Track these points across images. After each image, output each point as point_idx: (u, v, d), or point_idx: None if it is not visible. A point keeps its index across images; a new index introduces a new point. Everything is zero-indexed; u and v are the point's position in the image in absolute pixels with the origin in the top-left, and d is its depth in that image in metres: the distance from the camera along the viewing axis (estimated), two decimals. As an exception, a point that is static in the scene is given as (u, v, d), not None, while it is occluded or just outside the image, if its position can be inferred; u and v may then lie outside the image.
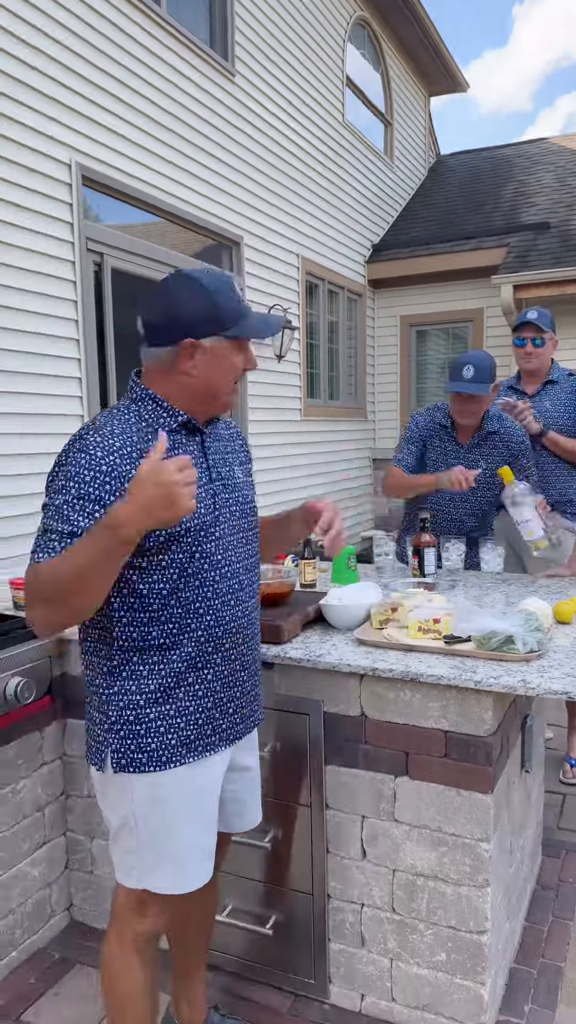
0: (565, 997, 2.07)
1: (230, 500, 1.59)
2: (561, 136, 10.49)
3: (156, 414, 1.51)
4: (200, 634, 1.52)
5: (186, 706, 1.53)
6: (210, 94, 5.49)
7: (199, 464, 1.54)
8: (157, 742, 1.51)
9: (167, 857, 1.55)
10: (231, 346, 1.51)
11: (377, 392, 8.84)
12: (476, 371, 2.71)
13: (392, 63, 8.98)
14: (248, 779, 1.75)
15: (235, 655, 1.59)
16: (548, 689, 1.64)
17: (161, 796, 1.53)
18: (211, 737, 1.57)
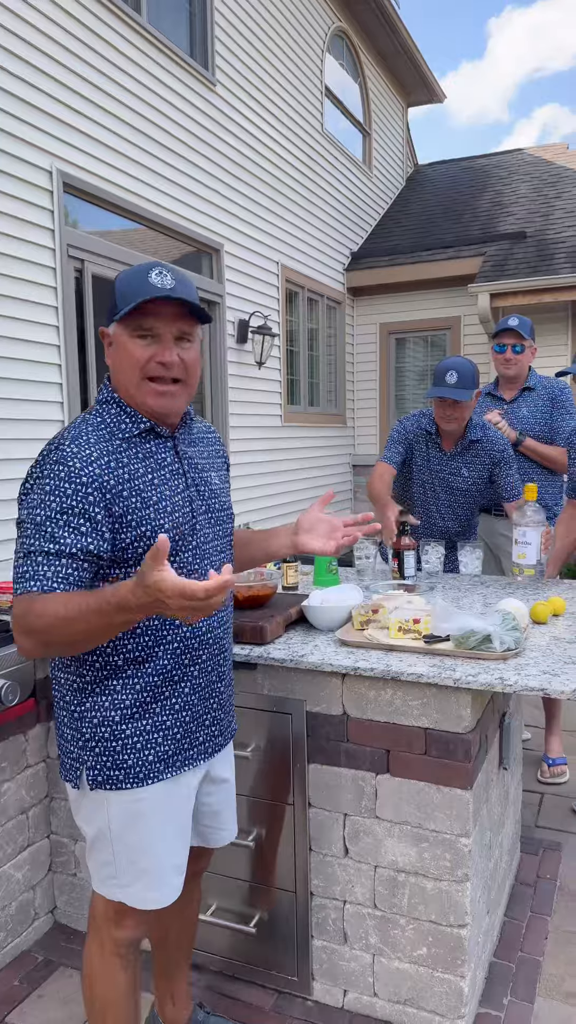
0: (543, 989, 2.11)
1: (205, 507, 1.55)
2: (536, 147, 10.67)
3: (119, 419, 1.46)
4: (176, 646, 1.48)
5: (163, 721, 1.49)
6: (190, 103, 5.53)
7: (175, 471, 1.50)
8: (134, 759, 1.47)
9: (143, 872, 1.52)
10: (124, 330, 1.41)
11: (357, 399, 8.92)
12: (459, 377, 2.75)
13: (370, 74, 9.08)
14: (225, 791, 1.72)
15: (212, 666, 1.56)
16: (525, 686, 1.69)
17: (138, 812, 1.49)
18: (190, 751, 1.54)
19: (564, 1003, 2.06)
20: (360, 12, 8.26)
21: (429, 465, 2.97)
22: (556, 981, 2.14)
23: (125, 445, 1.43)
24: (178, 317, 1.42)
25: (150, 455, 1.46)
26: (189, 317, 1.43)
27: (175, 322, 1.42)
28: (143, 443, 1.46)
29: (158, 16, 5.26)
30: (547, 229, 8.09)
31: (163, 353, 1.41)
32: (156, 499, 1.44)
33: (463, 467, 2.93)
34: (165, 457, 1.49)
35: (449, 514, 3.03)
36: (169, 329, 1.41)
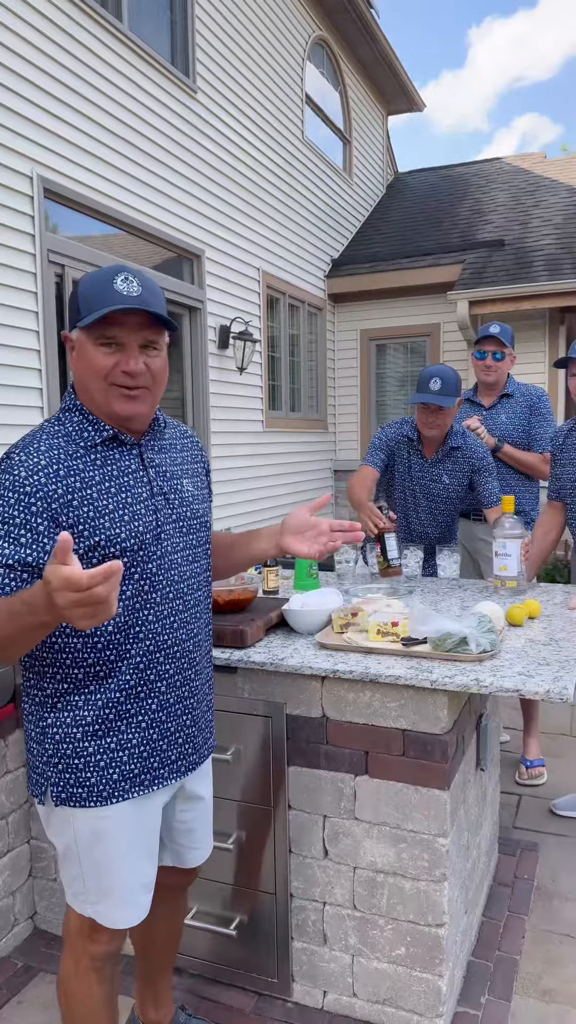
0: (520, 988, 2.14)
1: (174, 515, 1.50)
2: (515, 156, 10.80)
3: (82, 426, 1.43)
4: (139, 660, 1.44)
5: (128, 739, 1.45)
6: (171, 110, 5.56)
7: (139, 479, 1.46)
8: (97, 777, 1.44)
9: (109, 891, 1.50)
10: (87, 338, 1.38)
11: (338, 404, 8.96)
12: (443, 383, 2.81)
13: (350, 82, 9.16)
14: (201, 809, 1.69)
15: (181, 681, 1.51)
16: (500, 687, 1.72)
17: (103, 830, 1.46)
18: (159, 770, 1.50)
19: (540, 1001, 2.09)
20: (340, 21, 8.33)
21: (410, 472, 3.01)
22: (533, 979, 2.17)
23: (83, 452, 1.40)
24: (143, 326, 1.39)
25: (111, 462, 1.43)
26: (155, 325, 1.40)
27: (140, 331, 1.39)
28: (106, 451, 1.43)
29: (139, 23, 5.28)
30: (525, 237, 8.19)
31: (128, 362, 1.38)
32: (112, 507, 1.40)
33: (444, 474, 2.97)
34: (129, 464, 1.45)
35: (429, 520, 3.06)
36: (134, 338, 1.38)
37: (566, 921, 2.41)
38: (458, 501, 3.07)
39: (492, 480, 3.02)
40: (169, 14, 5.69)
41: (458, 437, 2.98)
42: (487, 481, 3.00)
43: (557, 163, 10.30)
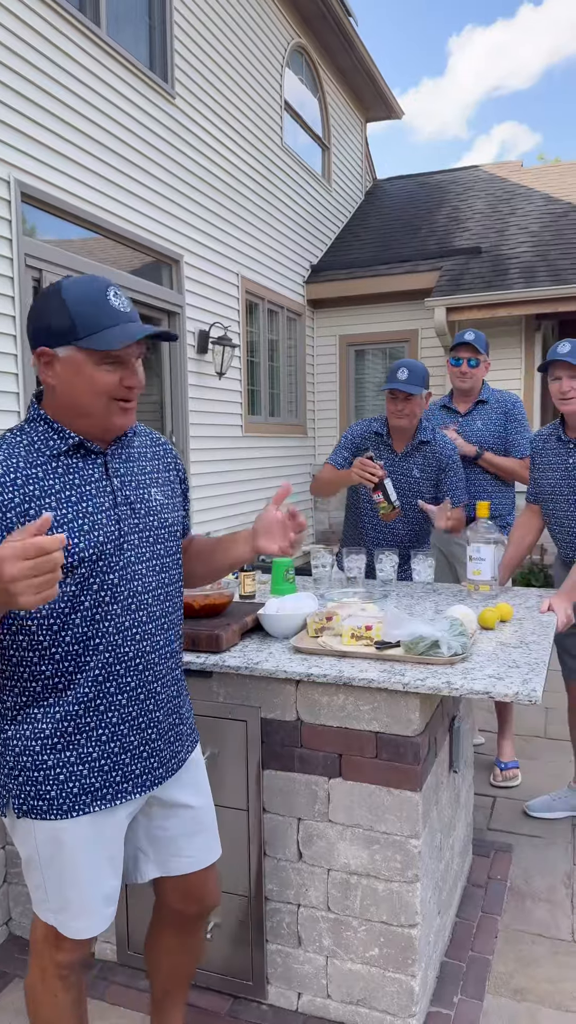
0: (492, 987, 2.16)
1: (140, 525, 1.49)
2: (492, 164, 10.93)
3: (47, 436, 1.43)
4: (98, 672, 1.42)
5: (88, 752, 1.44)
6: (150, 115, 5.57)
7: (102, 488, 1.45)
8: (57, 790, 1.43)
9: (68, 902, 1.50)
10: (88, 358, 1.38)
11: (317, 409, 9.00)
12: (410, 373, 2.89)
13: (329, 89, 9.22)
14: (186, 818, 1.64)
15: (145, 694, 1.49)
16: (470, 689, 1.75)
17: (63, 843, 1.46)
18: (122, 784, 1.48)
19: (512, 999, 2.12)
20: (319, 29, 8.39)
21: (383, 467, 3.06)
22: (505, 978, 2.20)
23: (45, 461, 1.40)
24: (140, 343, 1.42)
25: (74, 471, 1.42)
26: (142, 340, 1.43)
27: (137, 347, 1.43)
28: (69, 460, 1.43)
29: (118, 29, 5.29)
30: (501, 245, 8.28)
31: (130, 378, 1.42)
32: (71, 516, 1.39)
33: (414, 468, 3.03)
34: (92, 473, 1.45)
35: (400, 518, 3.10)
36: (134, 354, 1.43)
37: (538, 921, 2.45)
38: (428, 497, 3.12)
39: (459, 480, 3.09)
40: (148, 20, 5.71)
41: (428, 432, 3.06)
42: (453, 480, 3.07)
43: (533, 171, 10.43)
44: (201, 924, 1.76)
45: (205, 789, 1.70)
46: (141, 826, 1.63)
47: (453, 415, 3.52)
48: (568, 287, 7.06)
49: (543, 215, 8.73)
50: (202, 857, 1.68)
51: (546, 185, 9.56)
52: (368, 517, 3.12)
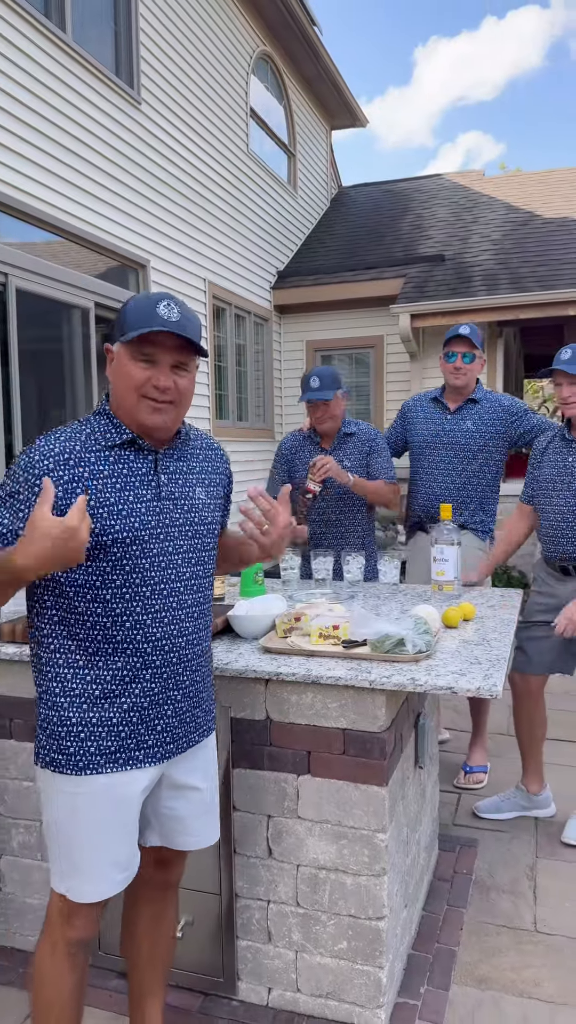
0: (457, 977, 2.22)
1: (180, 519, 1.61)
2: (455, 173, 11.11)
3: (106, 428, 1.57)
4: (127, 646, 1.55)
5: (109, 717, 1.56)
6: (116, 120, 5.58)
7: (147, 482, 1.58)
8: (76, 747, 1.55)
9: (79, 864, 1.58)
10: (127, 353, 1.53)
11: (285, 413, 9.05)
12: (321, 380, 3.04)
13: (294, 97, 9.30)
14: (194, 800, 1.73)
15: (168, 674, 1.60)
16: (434, 685, 1.80)
17: (78, 802, 1.56)
18: (135, 752, 1.58)
19: (477, 988, 2.17)
20: (284, 37, 8.47)
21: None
22: (470, 968, 2.25)
23: (99, 449, 1.54)
24: (177, 349, 1.53)
25: (124, 462, 1.56)
26: (187, 349, 1.54)
27: (173, 352, 1.52)
28: (122, 452, 1.56)
29: (83, 34, 5.30)
30: (464, 252, 8.43)
31: (159, 378, 1.52)
32: (112, 500, 1.52)
33: (344, 459, 3.18)
34: (141, 467, 1.58)
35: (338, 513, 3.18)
36: (167, 358, 1.52)
37: (502, 912, 2.51)
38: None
39: (385, 460, 3.20)
40: (113, 25, 5.72)
41: (351, 425, 3.21)
42: (380, 461, 3.20)
43: (495, 181, 10.64)
44: (173, 895, 1.85)
45: (213, 773, 1.79)
46: (149, 803, 1.71)
47: (443, 411, 3.35)
48: (528, 295, 7.22)
49: (504, 224, 8.91)
50: (205, 837, 1.78)
51: (507, 194, 9.75)
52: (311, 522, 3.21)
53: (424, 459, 3.38)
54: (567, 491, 2.80)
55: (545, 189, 9.67)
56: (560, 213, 8.82)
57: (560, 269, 7.54)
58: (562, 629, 2.67)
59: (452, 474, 3.32)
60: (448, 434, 3.32)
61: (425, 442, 3.38)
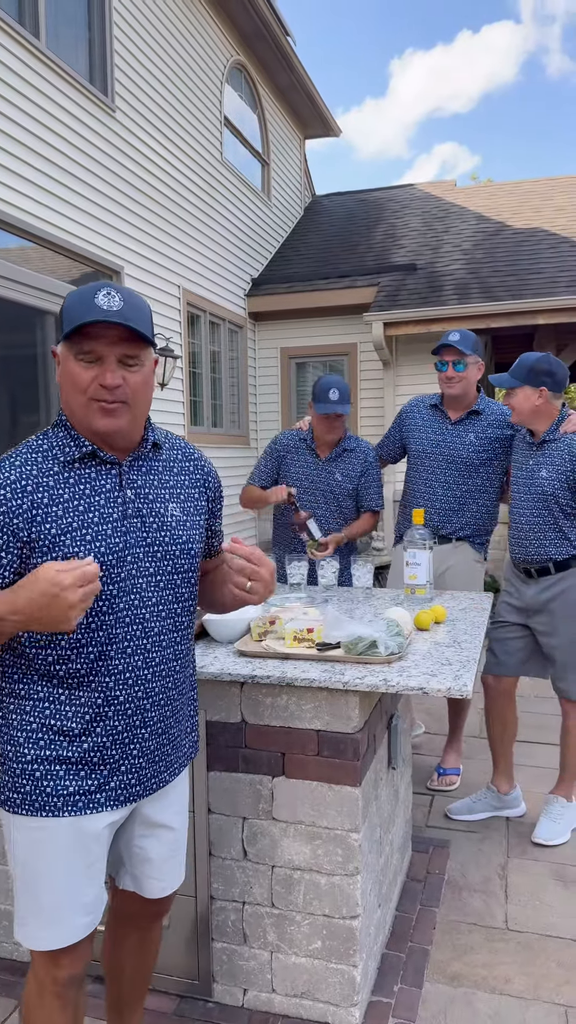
0: (430, 974, 2.25)
1: (149, 539, 1.46)
2: (427, 183, 11.25)
3: (64, 442, 1.44)
4: (90, 681, 1.43)
5: (67, 756, 1.43)
6: (90, 127, 5.59)
7: (112, 499, 1.44)
8: (31, 786, 1.42)
9: (40, 908, 1.46)
10: (68, 352, 1.39)
11: (260, 420, 9.08)
12: (340, 393, 3.07)
13: (268, 106, 9.37)
14: (165, 840, 1.62)
15: (133, 710, 1.47)
16: (406, 686, 1.84)
17: (36, 841, 1.44)
18: (95, 795, 1.45)
19: (449, 986, 2.21)
20: (257, 47, 8.53)
21: (307, 471, 3.24)
22: (442, 966, 2.29)
23: (59, 469, 1.41)
24: (121, 340, 1.37)
25: (85, 481, 1.42)
26: (135, 340, 1.39)
27: (118, 345, 1.38)
28: (83, 468, 1.43)
29: (57, 41, 5.30)
30: (436, 262, 8.54)
31: (105, 375, 1.37)
32: (76, 525, 1.39)
33: (336, 472, 3.22)
34: (104, 484, 1.44)
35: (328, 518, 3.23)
36: (112, 352, 1.37)
37: (473, 911, 2.55)
38: (354, 498, 3.27)
39: (376, 484, 3.26)
40: (87, 33, 5.74)
41: (351, 441, 3.25)
42: (371, 484, 3.25)
43: (466, 191, 10.79)
44: (159, 920, 1.77)
45: (185, 809, 1.70)
46: (122, 839, 1.61)
47: (444, 421, 3.23)
48: (499, 304, 7.34)
49: (475, 233, 9.04)
50: (171, 883, 1.68)
51: (478, 205, 9.89)
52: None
53: (423, 469, 3.25)
54: (529, 495, 2.86)
55: (515, 200, 9.83)
56: (530, 223, 8.98)
57: (529, 279, 7.68)
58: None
59: (452, 486, 3.19)
60: (449, 446, 3.19)
61: (424, 451, 3.24)
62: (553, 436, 2.81)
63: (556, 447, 2.79)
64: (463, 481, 3.19)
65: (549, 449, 2.81)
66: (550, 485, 2.78)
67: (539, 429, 2.84)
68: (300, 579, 2.93)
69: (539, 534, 2.84)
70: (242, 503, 3.33)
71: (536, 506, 2.83)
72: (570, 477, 2.74)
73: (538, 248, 8.29)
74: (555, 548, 2.82)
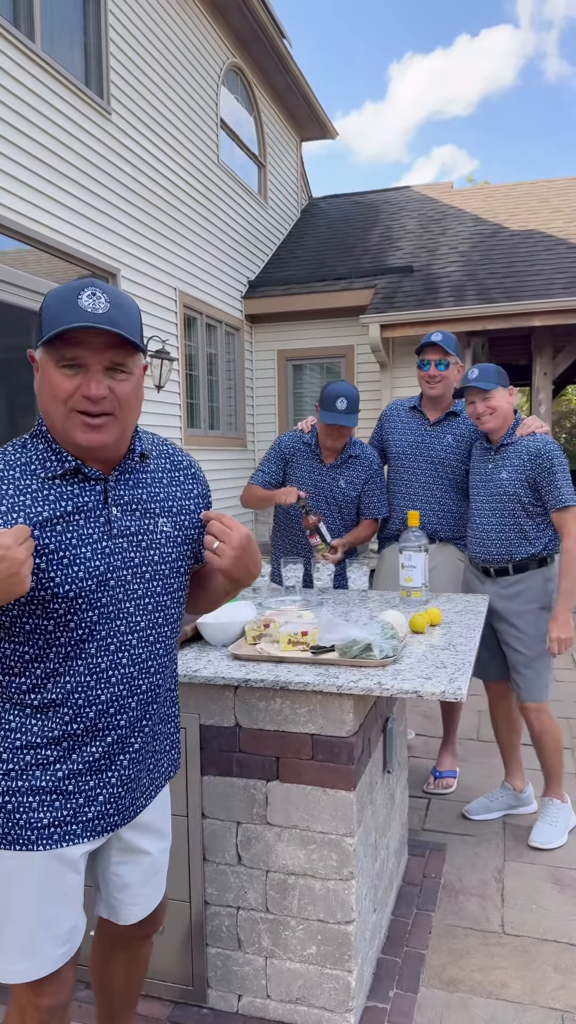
0: (426, 979, 2.24)
1: (137, 559, 1.37)
2: (423, 185, 11.26)
3: (45, 456, 1.33)
4: (66, 711, 1.34)
5: (41, 787, 1.35)
6: (85, 130, 5.58)
7: (95, 518, 1.34)
8: (3, 819, 1.35)
9: (10, 941, 1.38)
10: (49, 359, 1.27)
11: (256, 422, 9.08)
12: (348, 403, 3.01)
13: (264, 108, 9.37)
14: (143, 864, 1.56)
15: (114, 738, 1.39)
16: (400, 689, 1.82)
17: (7, 873, 1.37)
18: (70, 826, 1.38)
19: (444, 990, 2.19)
20: (253, 49, 8.54)
21: (310, 475, 3.19)
22: (438, 970, 2.27)
23: (38, 486, 1.30)
24: (108, 346, 1.26)
25: (67, 499, 1.32)
26: (123, 347, 1.28)
27: (104, 352, 1.26)
28: (65, 485, 1.33)
29: (52, 44, 5.30)
30: (432, 264, 8.54)
31: (89, 386, 1.25)
32: (53, 547, 1.29)
33: (340, 479, 3.17)
34: (87, 501, 1.33)
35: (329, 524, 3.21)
36: (98, 360, 1.26)
37: (470, 915, 2.54)
38: (357, 506, 3.25)
39: (380, 492, 3.23)
40: (83, 36, 5.73)
41: (356, 447, 3.20)
42: (374, 491, 3.22)
43: (463, 193, 10.80)
44: (149, 939, 1.73)
45: (167, 830, 1.63)
46: (98, 865, 1.57)
47: (422, 422, 3.28)
48: (495, 306, 7.33)
49: (472, 235, 9.05)
50: (150, 901, 1.62)
51: (475, 207, 9.90)
52: (300, 526, 3.21)
53: (403, 470, 3.30)
54: (490, 497, 2.92)
55: (511, 202, 9.84)
56: (526, 225, 8.98)
57: (525, 281, 7.68)
58: (556, 651, 2.81)
59: (432, 487, 3.24)
60: (427, 447, 3.24)
61: (403, 452, 3.29)
62: (511, 439, 2.88)
63: (514, 449, 2.86)
64: (442, 482, 3.24)
65: (507, 452, 2.88)
66: (511, 485, 2.84)
67: (498, 433, 2.89)
68: (295, 582, 2.92)
69: (500, 535, 2.90)
70: (243, 502, 3.29)
71: (497, 507, 2.89)
72: (530, 476, 2.81)
73: (535, 250, 8.29)
74: (516, 548, 2.88)
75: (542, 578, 2.89)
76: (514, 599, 2.91)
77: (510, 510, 2.87)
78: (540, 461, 2.78)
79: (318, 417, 3.11)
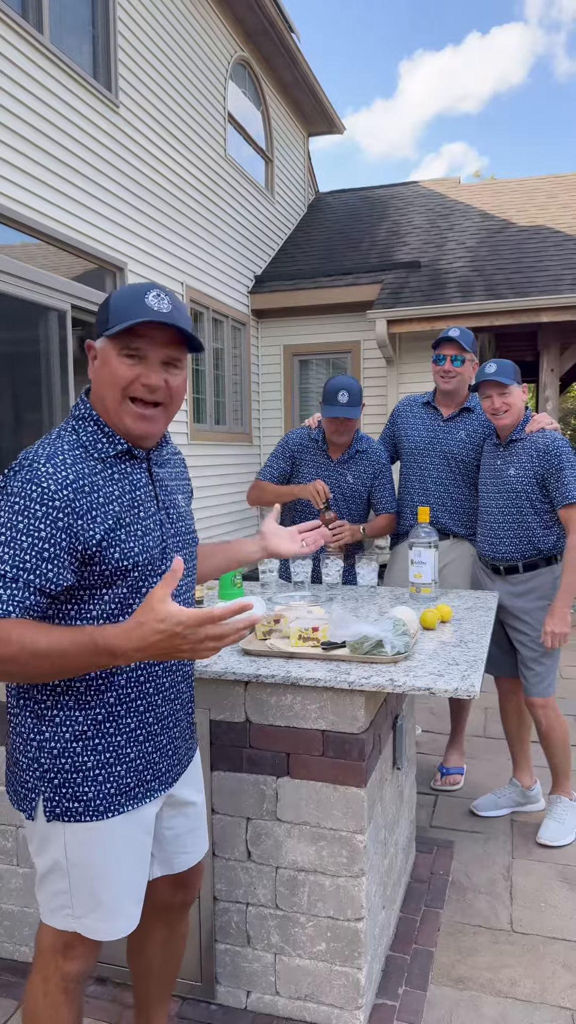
0: (435, 977, 2.23)
1: (174, 530, 1.53)
2: (431, 180, 11.21)
3: (96, 438, 1.43)
4: (139, 671, 1.47)
5: (126, 752, 1.47)
6: (93, 123, 5.56)
7: (148, 494, 1.48)
8: (94, 791, 1.44)
9: (99, 904, 1.48)
10: (112, 347, 1.39)
11: (262, 417, 9.06)
12: (350, 396, 2.99)
13: (272, 103, 9.33)
14: (191, 815, 1.69)
15: (175, 693, 1.55)
16: (412, 686, 1.81)
17: (96, 842, 1.46)
18: (151, 782, 1.52)
19: (454, 988, 2.18)
20: (261, 43, 8.50)
21: (318, 472, 3.18)
22: (447, 968, 2.26)
23: (100, 466, 1.41)
24: (168, 343, 1.41)
25: (124, 476, 1.44)
26: (179, 344, 1.42)
27: (164, 347, 1.40)
28: (118, 464, 1.44)
29: (61, 36, 5.28)
30: (440, 259, 8.51)
31: (148, 375, 1.39)
32: (128, 521, 1.41)
33: (348, 474, 3.16)
34: (139, 478, 1.47)
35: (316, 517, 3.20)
36: (157, 353, 1.40)
37: (479, 912, 2.53)
38: (364, 503, 3.22)
39: (389, 487, 3.22)
40: (91, 29, 5.71)
41: (363, 441, 3.19)
42: (384, 486, 3.20)
43: (470, 188, 10.75)
44: (187, 911, 1.80)
45: (202, 782, 1.77)
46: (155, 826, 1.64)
47: (436, 417, 3.26)
48: (502, 301, 7.30)
49: (479, 231, 9.00)
50: (199, 850, 1.74)
51: (482, 202, 9.86)
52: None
53: (415, 466, 3.27)
54: (497, 493, 2.91)
55: (519, 197, 9.79)
56: (534, 221, 8.94)
57: (533, 276, 7.64)
58: (550, 644, 2.78)
59: (445, 483, 3.21)
60: (441, 442, 3.21)
61: (416, 448, 3.27)
62: (520, 435, 2.87)
63: (523, 445, 2.85)
64: (455, 477, 3.22)
65: (516, 448, 2.87)
66: (519, 482, 2.84)
67: (509, 429, 2.88)
68: (304, 577, 2.91)
69: (509, 532, 2.89)
70: (252, 499, 3.24)
71: (506, 504, 2.89)
72: (539, 472, 2.80)
73: (543, 246, 8.25)
74: (525, 546, 2.87)
75: (551, 576, 2.87)
76: (523, 596, 2.90)
77: (518, 507, 2.86)
78: (548, 457, 2.76)
79: (321, 412, 3.10)
